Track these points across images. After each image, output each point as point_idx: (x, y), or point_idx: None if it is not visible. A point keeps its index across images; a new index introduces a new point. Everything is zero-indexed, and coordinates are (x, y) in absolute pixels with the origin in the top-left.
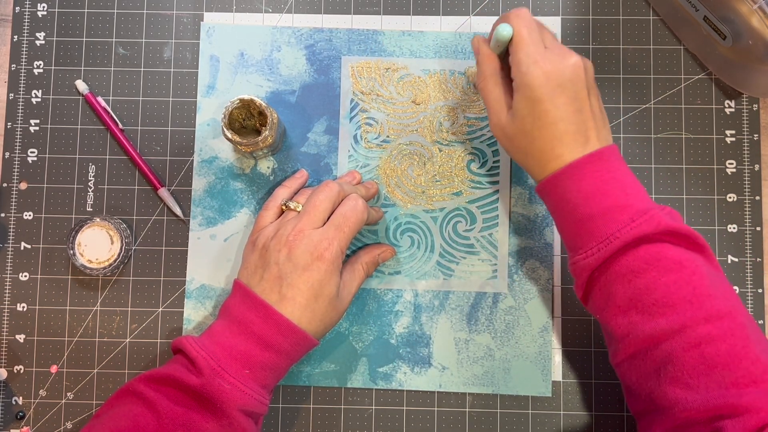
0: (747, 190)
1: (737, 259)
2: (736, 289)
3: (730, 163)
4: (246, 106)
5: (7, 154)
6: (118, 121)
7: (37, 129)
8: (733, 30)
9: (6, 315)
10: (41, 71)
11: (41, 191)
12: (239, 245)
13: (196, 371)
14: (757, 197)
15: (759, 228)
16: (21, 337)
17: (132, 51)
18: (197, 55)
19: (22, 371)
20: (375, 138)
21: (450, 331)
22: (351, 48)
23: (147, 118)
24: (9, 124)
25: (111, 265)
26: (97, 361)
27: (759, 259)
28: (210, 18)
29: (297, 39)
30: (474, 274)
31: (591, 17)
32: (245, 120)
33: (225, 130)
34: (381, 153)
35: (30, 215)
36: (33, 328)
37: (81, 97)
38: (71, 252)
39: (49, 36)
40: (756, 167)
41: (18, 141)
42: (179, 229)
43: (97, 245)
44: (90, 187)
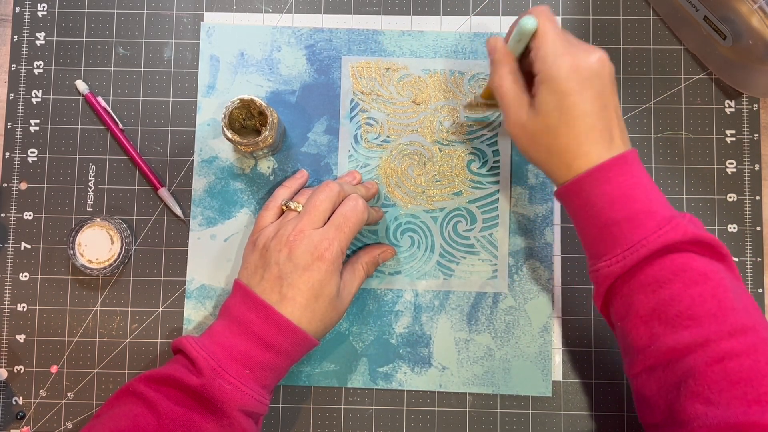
0: (747, 190)
1: (737, 259)
2: None
3: (730, 163)
4: (246, 106)
5: (7, 154)
6: (118, 121)
7: (37, 129)
8: (733, 30)
9: (6, 315)
10: (41, 71)
11: (41, 191)
12: (239, 245)
13: (196, 371)
14: (757, 197)
15: (759, 228)
16: (21, 337)
17: (132, 51)
18: (197, 55)
19: (22, 371)
20: (375, 138)
21: (450, 331)
22: (351, 48)
23: (147, 118)
24: (9, 124)
25: (111, 265)
26: (97, 361)
27: (759, 259)
28: (210, 18)
29: (297, 39)
30: (474, 274)
31: (591, 17)
32: (245, 120)
33: (225, 130)
34: (381, 153)
35: (30, 215)
36: (33, 328)
37: (81, 97)
38: (71, 252)
39: (49, 36)
40: (756, 167)
41: (18, 141)
42: (179, 229)
43: (97, 245)
44: (90, 187)
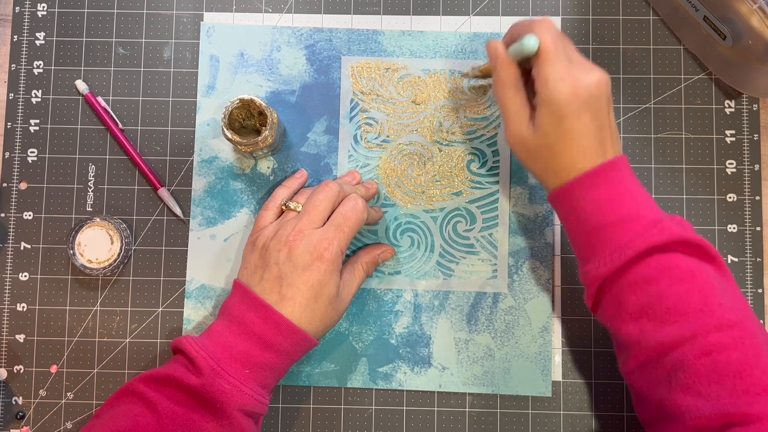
0: (747, 190)
1: (737, 259)
2: None
3: (730, 163)
4: (246, 106)
5: (7, 154)
6: (118, 121)
7: (37, 129)
8: (733, 30)
9: (6, 315)
10: (41, 71)
11: (41, 191)
12: (239, 245)
13: (196, 371)
14: (757, 197)
15: (759, 228)
16: (21, 337)
17: (132, 51)
18: (197, 55)
19: (22, 371)
20: (375, 138)
21: (450, 331)
22: (351, 48)
23: (147, 118)
24: (9, 124)
25: (111, 265)
26: (97, 361)
27: (759, 259)
28: (210, 18)
29: (297, 39)
30: (474, 274)
31: (591, 17)
32: (245, 120)
33: (225, 130)
34: (381, 153)
35: (30, 215)
36: (33, 328)
37: (81, 97)
38: (71, 252)
39: (49, 36)
40: (756, 167)
41: (18, 141)
42: (179, 229)
43: (97, 245)
44: (90, 187)
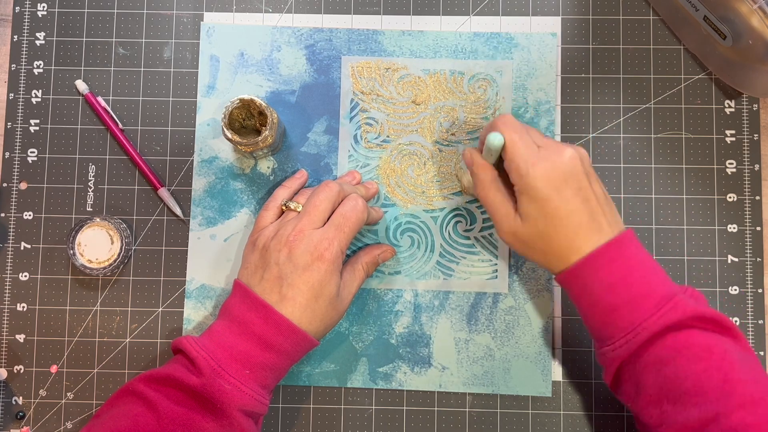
0: (747, 190)
1: (737, 259)
2: (736, 290)
3: (730, 163)
4: (246, 106)
5: (7, 154)
6: (118, 121)
7: (37, 129)
8: (733, 30)
9: (6, 315)
10: (41, 71)
11: (41, 191)
12: (239, 245)
13: (196, 371)
14: (757, 197)
15: (759, 228)
16: (21, 337)
17: (132, 51)
18: (197, 55)
19: (22, 371)
20: (375, 138)
21: (450, 331)
22: (351, 48)
23: (147, 118)
24: (9, 124)
25: (111, 265)
26: (97, 361)
27: (759, 259)
28: (210, 18)
29: (297, 39)
30: (474, 274)
31: (591, 17)
32: (245, 120)
33: (225, 130)
34: (381, 153)
35: (30, 215)
36: (33, 328)
37: (81, 97)
38: (71, 252)
39: (49, 36)
40: (756, 167)
41: (18, 141)
42: (179, 229)
43: (97, 245)
44: (90, 187)
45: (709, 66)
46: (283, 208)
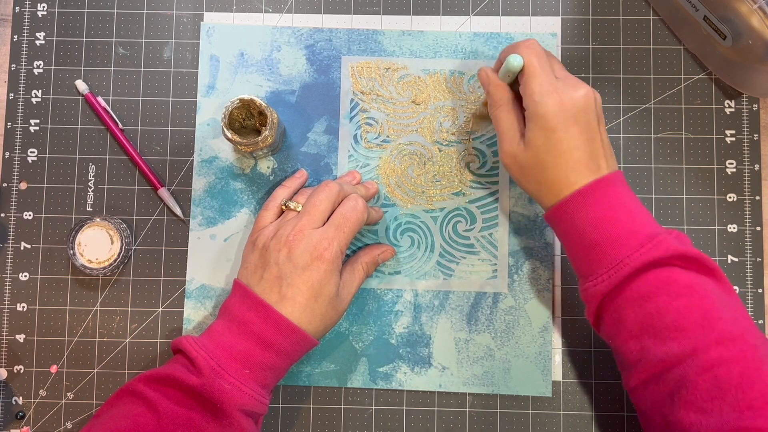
0: (747, 190)
1: (737, 259)
2: (736, 289)
3: (730, 163)
4: (246, 106)
5: (7, 154)
6: (118, 121)
7: (37, 129)
8: (733, 30)
9: (6, 315)
10: (41, 71)
11: (41, 191)
12: (239, 245)
13: (196, 371)
14: (757, 197)
15: (759, 228)
16: (21, 337)
17: (132, 51)
18: (197, 55)
19: (22, 371)
20: (375, 138)
21: (450, 331)
22: (351, 48)
23: (147, 118)
24: (9, 124)
25: (111, 265)
26: (97, 361)
27: (759, 259)
28: (210, 18)
29: (297, 39)
30: (474, 274)
31: (591, 17)
32: (245, 120)
33: (225, 130)
34: (381, 153)
35: (30, 215)
36: (33, 328)
37: (81, 97)
38: (71, 252)
39: (49, 36)
40: (756, 167)
41: (18, 141)
42: (179, 229)
43: (97, 245)
44: (90, 187)
45: (709, 66)
46: (283, 207)
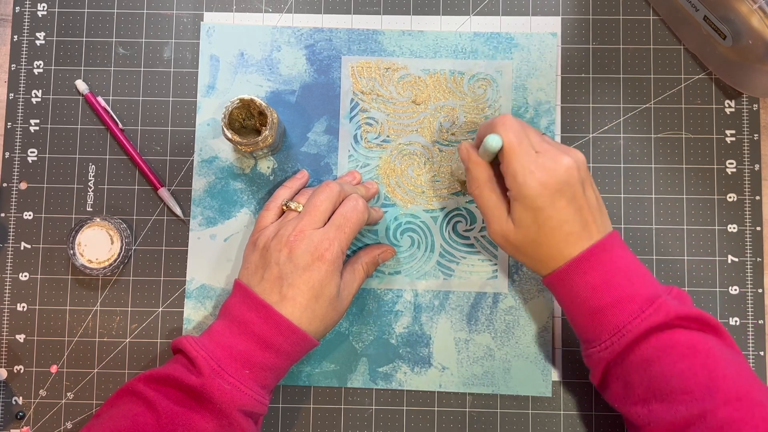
0: (747, 190)
1: (737, 259)
2: (736, 290)
3: (730, 163)
4: (246, 106)
5: (7, 154)
6: (118, 121)
7: (37, 129)
8: (733, 30)
9: (6, 315)
10: (41, 71)
11: (41, 191)
12: (239, 245)
13: (195, 371)
14: (757, 197)
15: (759, 228)
16: (21, 337)
17: (132, 51)
18: (197, 55)
19: (22, 371)
20: (375, 138)
21: (450, 331)
22: (351, 48)
23: (147, 118)
24: (9, 124)
25: (111, 265)
26: (97, 361)
27: (759, 259)
28: (210, 18)
29: (297, 39)
30: (474, 274)
31: (591, 17)
32: (245, 120)
33: (225, 130)
34: (381, 153)
35: (30, 215)
36: (33, 328)
37: (81, 97)
38: (71, 252)
39: (49, 36)
40: (756, 167)
41: (18, 141)
42: (179, 229)
43: (97, 245)
44: (90, 187)
45: (709, 66)
46: (284, 208)
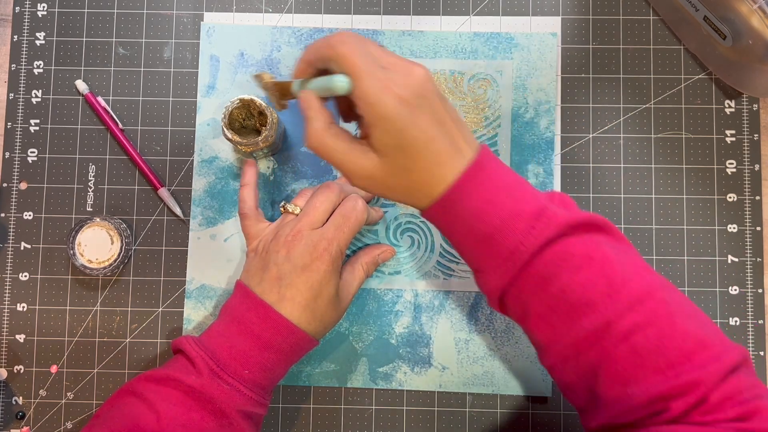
0: (747, 190)
1: (737, 259)
2: (735, 290)
3: (730, 163)
4: (246, 106)
5: (7, 154)
6: (118, 121)
7: (37, 129)
8: (733, 30)
9: (6, 315)
10: (41, 71)
11: (41, 191)
12: (239, 245)
13: (195, 371)
14: (757, 197)
15: (759, 228)
16: (21, 337)
17: (132, 51)
18: (197, 55)
19: (22, 371)
20: None
21: (450, 331)
22: None
23: (147, 118)
24: (9, 124)
25: (111, 265)
26: (97, 361)
27: (759, 259)
28: (210, 18)
29: (297, 39)
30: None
31: (591, 17)
32: (245, 120)
33: (225, 130)
34: None
35: (30, 215)
36: (33, 328)
37: (81, 97)
38: (71, 252)
39: (49, 36)
40: (756, 167)
41: (18, 141)
42: (179, 229)
43: (97, 245)
44: (90, 187)
45: (709, 66)
46: (282, 209)
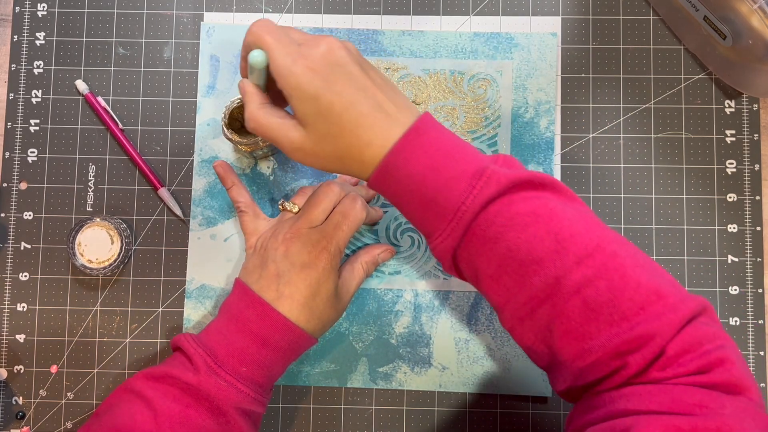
0: (747, 190)
1: (737, 259)
2: (736, 290)
3: (730, 163)
4: None
5: (7, 154)
6: (118, 121)
7: (37, 129)
8: (733, 30)
9: (6, 315)
10: (41, 71)
11: (41, 191)
12: (239, 245)
13: (193, 368)
14: (757, 197)
15: (759, 228)
16: (21, 337)
17: (132, 51)
18: (197, 55)
19: (22, 371)
20: None
21: (450, 331)
22: None
23: (147, 118)
24: (9, 124)
25: (111, 265)
26: (97, 361)
27: (759, 259)
28: (210, 18)
29: None
30: None
31: (591, 17)
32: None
33: (225, 129)
34: None
35: (30, 215)
36: (33, 328)
37: (81, 97)
38: (71, 252)
39: (49, 36)
40: (756, 167)
41: (18, 141)
42: (179, 229)
43: (97, 245)
44: (90, 187)
45: (709, 66)
46: (281, 207)
